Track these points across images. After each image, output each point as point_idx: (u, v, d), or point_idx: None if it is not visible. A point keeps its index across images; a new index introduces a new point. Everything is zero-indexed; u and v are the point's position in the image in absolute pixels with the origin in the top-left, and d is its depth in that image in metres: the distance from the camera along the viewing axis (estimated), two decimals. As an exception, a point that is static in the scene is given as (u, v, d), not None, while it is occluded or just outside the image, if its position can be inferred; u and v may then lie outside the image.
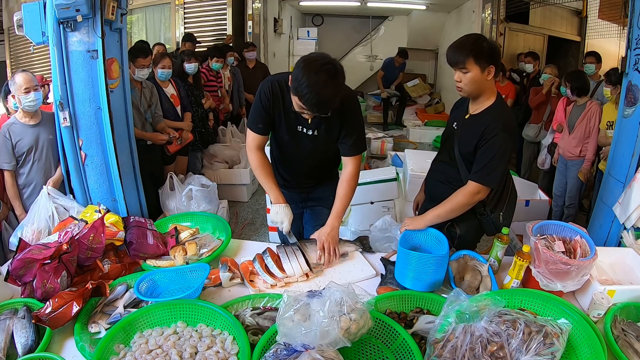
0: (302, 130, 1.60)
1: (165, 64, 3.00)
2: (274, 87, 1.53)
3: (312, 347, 0.97)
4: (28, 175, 2.19)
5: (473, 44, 1.44)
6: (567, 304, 1.19)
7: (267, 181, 1.65)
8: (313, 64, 1.33)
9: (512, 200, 1.71)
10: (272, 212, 1.65)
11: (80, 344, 1.16)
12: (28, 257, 1.33)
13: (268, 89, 1.53)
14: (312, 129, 1.59)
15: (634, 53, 1.95)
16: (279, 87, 1.54)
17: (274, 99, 1.54)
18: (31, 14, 1.75)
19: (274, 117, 1.58)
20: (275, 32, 6.58)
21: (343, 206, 1.67)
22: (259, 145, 1.65)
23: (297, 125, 1.59)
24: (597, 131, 2.96)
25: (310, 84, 1.30)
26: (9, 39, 5.80)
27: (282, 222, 1.63)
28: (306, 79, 1.30)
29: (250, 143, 1.65)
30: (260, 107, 1.56)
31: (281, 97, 1.54)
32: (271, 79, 1.57)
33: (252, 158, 1.66)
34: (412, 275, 1.37)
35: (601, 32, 5.14)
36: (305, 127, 1.59)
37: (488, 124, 1.49)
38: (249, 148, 1.66)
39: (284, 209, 1.63)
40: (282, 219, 1.63)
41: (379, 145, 5.29)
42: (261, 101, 1.55)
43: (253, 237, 3.39)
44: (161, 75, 3.02)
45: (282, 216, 1.63)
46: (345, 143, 1.62)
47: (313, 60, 1.34)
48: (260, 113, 1.57)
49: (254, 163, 1.66)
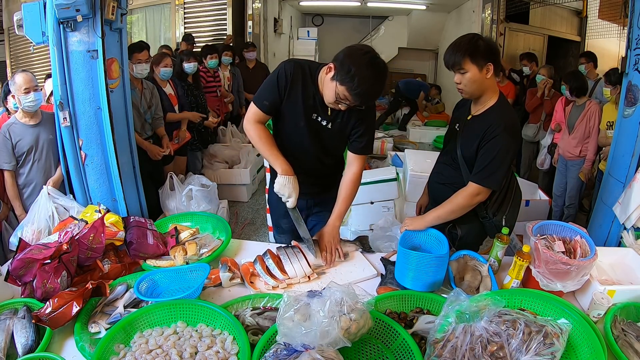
0: (316, 119, 1.53)
1: (167, 62, 3.06)
2: (297, 69, 1.47)
3: (312, 347, 0.97)
4: (28, 175, 2.19)
5: (468, 44, 1.43)
6: (567, 304, 1.19)
7: (272, 151, 1.51)
8: (365, 55, 1.33)
9: (516, 202, 1.69)
10: (279, 184, 1.49)
11: (80, 344, 1.16)
12: (28, 257, 1.33)
13: (291, 69, 1.46)
14: (328, 120, 1.53)
15: (634, 53, 1.95)
16: (302, 71, 1.47)
17: (293, 80, 1.47)
18: (31, 14, 1.75)
19: (283, 100, 1.49)
20: (275, 32, 6.59)
21: (346, 207, 1.65)
22: (259, 120, 1.53)
23: (313, 112, 1.52)
24: (597, 131, 2.96)
25: (363, 76, 1.30)
26: (9, 39, 5.81)
27: (289, 195, 1.50)
28: (359, 71, 1.30)
29: (250, 116, 1.53)
30: (275, 84, 1.47)
31: (302, 81, 1.48)
32: (295, 60, 1.50)
33: (252, 129, 1.52)
34: (412, 275, 1.37)
35: (601, 32, 5.14)
36: (322, 116, 1.53)
37: (489, 125, 1.48)
38: (247, 120, 1.53)
39: (292, 182, 1.49)
40: (290, 192, 1.49)
41: (379, 145, 5.29)
42: (278, 79, 1.46)
43: (253, 237, 3.39)
44: (164, 74, 3.06)
45: (289, 189, 1.49)
46: (358, 141, 1.58)
47: (365, 52, 1.34)
48: (272, 90, 1.48)
49: (255, 134, 1.52)
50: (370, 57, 1.33)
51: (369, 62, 1.32)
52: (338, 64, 1.35)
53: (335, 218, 1.65)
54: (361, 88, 1.32)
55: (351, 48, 1.36)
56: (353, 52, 1.34)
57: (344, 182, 1.64)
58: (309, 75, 1.48)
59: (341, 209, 1.64)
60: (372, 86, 1.34)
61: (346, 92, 1.35)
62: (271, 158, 1.52)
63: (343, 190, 1.64)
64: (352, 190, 1.63)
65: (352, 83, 1.32)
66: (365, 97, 1.37)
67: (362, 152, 1.61)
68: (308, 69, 1.49)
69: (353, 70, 1.30)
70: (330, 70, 1.38)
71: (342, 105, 1.42)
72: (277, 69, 1.49)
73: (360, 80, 1.31)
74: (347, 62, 1.32)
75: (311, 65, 1.50)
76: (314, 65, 1.51)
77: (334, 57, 1.38)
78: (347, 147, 1.65)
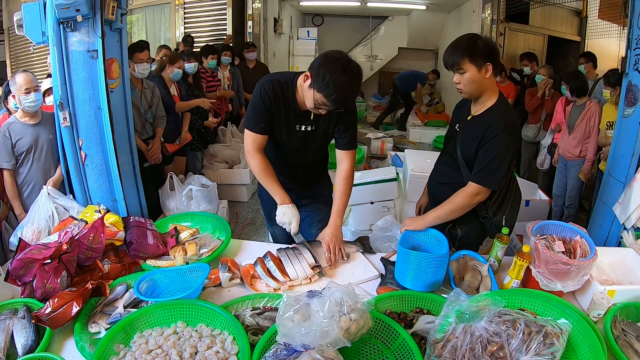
0: (299, 128, 1.62)
1: (181, 64, 3.16)
2: (275, 86, 1.54)
3: (312, 347, 0.97)
4: (27, 174, 2.19)
5: (466, 44, 1.44)
6: (567, 304, 1.19)
7: (271, 184, 1.63)
8: (338, 62, 1.39)
9: (516, 203, 1.69)
10: (279, 214, 1.63)
11: (80, 344, 1.16)
12: (28, 257, 1.33)
13: (269, 87, 1.53)
14: (311, 124, 1.61)
15: (634, 53, 1.95)
16: (279, 86, 1.54)
17: (275, 98, 1.54)
18: (31, 14, 1.75)
19: (273, 117, 1.57)
20: (275, 32, 6.58)
21: (344, 204, 1.69)
22: (259, 147, 1.62)
23: (296, 124, 1.60)
24: (597, 131, 2.96)
25: (338, 83, 1.36)
26: (9, 39, 5.81)
27: (289, 222, 1.62)
28: (334, 78, 1.36)
29: (249, 145, 1.61)
30: (262, 106, 1.54)
31: (282, 96, 1.55)
32: (270, 77, 1.57)
33: (254, 161, 1.62)
34: (412, 275, 1.37)
35: (601, 32, 5.14)
36: (304, 124, 1.61)
37: (489, 125, 1.48)
38: (248, 151, 1.62)
39: (291, 210, 1.62)
40: (290, 219, 1.62)
41: (379, 145, 5.29)
42: (262, 100, 1.53)
43: (253, 237, 3.39)
44: (176, 74, 3.14)
45: (289, 217, 1.62)
46: (343, 137, 1.65)
47: (337, 59, 1.39)
48: (262, 112, 1.55)
49: (257, 166, 1.62)
50: (343, 63, 1.39)
51: (343, 68, 1.38)
52: (314, 72, 1.41)
53: (336, 217, 1.67)
54: (337, 94, 1.38)
55: (326, 56, 1.43)
56: (327, 59, 1.40)
57: (337, 179, 1.69)
58: (285, 89, 1.55)
59: (339, 207, 1.68)
60: (347, 91, 1.40)
61: (324, 99, 1.42)
62: (271, 189, 1.65)
63: (338, 188, 1.68)
64: (346, 186, 1.68)
65: (328, 90, 1.38)
66: (342, 101, 1.43)
67: (348, 147, 1.67)
68: (284, 84, 1.55)
69: (328, 78, 1.37)
70: (307, 78, 1.44)
71: (322, 110, 1.48)
72: (257, 91, 1.56)
73: (336, 87, 1.37)
74: (322, 70, 1.39)
75: (287, 79, 1.56)
76: (289, 76, 1.57)
77: (310, 65, 1.45)
78: (334, 144, 1.71)
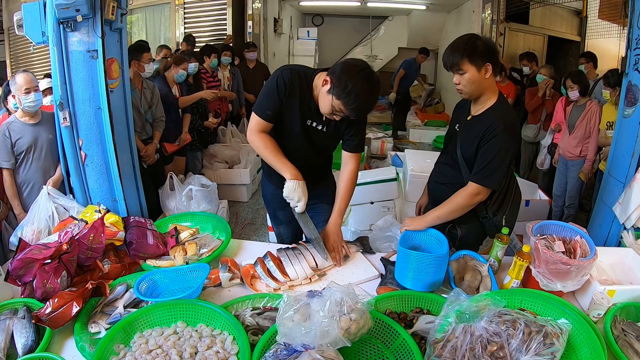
0: (311, 125, 1.57)
1: (185, 66, 3.18)
2: (294, 76, 1.49)
3: (312, 347, 0.97)
4: (27, 174, 2.18)
5: (466, 44, 1.43)
6: (567, 304, 1.19)
7: (279, 158, 1.54)
8: (361, 72, 1.37)
9: (516, 202, 1.69)
10: (288, 188, 1.52)
11: (80, 344, 1.16)
12: (28, 257, 1.33)
13: (288, 76, 1.48)
14: (323, 124, 1.58)
15: (634, 53, 1.95)
16: (299, 78, 1.50)
17: (291, 88, 1.49)
18: (31, 14, 1.75)
19: (283, 107, 1.52)
20: (275, 32, 6.58)
21: (345, 203, 1.69)
22: (263, 129, 1.55)
23: (308, 119, 1.56)
24: (597, 131, 2.96)
25: (359, 92, 1.35)
26: (9, 39, 5.80)
27: (298, 199, 1.53)
28: (355, 88, 1.35)
29: (253, 126, 1.54)
30: (275, 92, 1.49)
31: (299, 89, 1.50)
32: (291, 67, 1.52)
33: (257, 139, 1.54)
34: (412, 275, 1.37)
35: (601, 32, 5.14)
36: (316, 121, 1.57)
37: (489, 125, 1.48)
38: (251, 131, 1.55)
39: (301, 186, 1.52)
40: (300, 196, 1.53)
41: (379, 145, 5.29)
42: (277, 86, 1.48)
43: (253, 237, 3.39)
44: (181, 75, 3.16)
45: (299, 193, 1.52)
46: (352, 140, 1.64)
47: (360, 68, 1.38)
48: (273, 99, 1.50)
49: (260, 143, 1.54)
50: (366, 74, 1.38)
51: (365, 78, 1.37)
52: (335, 78, 1.38)
53: (337, 215, 1.68)
54: (357, 103, 1.38)
55: (347, 63, 1.40)
56: (349, 68, 1.38)
57: (341, 180, 1.68)
58: (305, 82, 1.52)
59: (341, 206, 1.69)
60: (367, 101, 1.40)
61: (342, 106, 1.40)
62: (279, 165, 1.55)
63: (341, 188, 1.68)
64: (350, 187, 1.68)
65: (349, 99, 1.37)
66: (361, 111, 1.44)
67: (356, 150, 1.67)
68: (304, 76, 1.52)
69: (350, 87, 1.35)
70: (326, 83, 1.42)
71: (337, 116, 1.47)
72: (274, 77, 1.51)
73: (357, 96, 1.36)
74: (343, 78, 1.36)
75: (306, 72, 1.53)
76: (309, 71, 1.55)
77: (330, 70, 1.42)
78: (341, 146, 1.70)
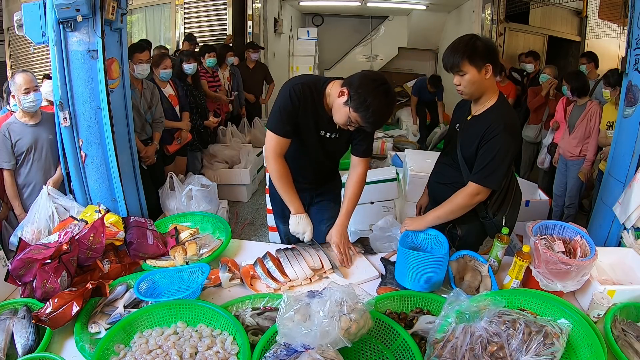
0: (324, 135, 1.61)
1: (167, 64, 3.05)
2: (305, 90, 1.51)
3: (312, 347, 0.97)
4: (27, 175, 2.19)
5: (466, 45, 1.43)
6: (567, 304, 1.19)
7: (289, 192, 1.63)
8: (380, 86, 1.38)
9: (516, 202, 1.70)
10: (293, 223, 1.65)
11: (80, 344, 1.16)
12: (28, 257, 1.33)
13: (299, 90, 1.50)
14: (336, 132, 1.61)
15: (634, 53, 1.95)
16: (310, 90, 1.52)
17: (305, 101, 1.51)
18: (31, 14, 1.75)
19: (299, 121, 1.54)
20: (275, 32, 6.58)
21: (353, 206, 1.71)
22: (282, 152, 1.58)
23: (321, 129, 1.60)
24: (597, 131, 2.96)
25: (377, 107, 1.37)
26: (9, 39, 5.80)
27: (304, 232, 1.65)
28: (374, 103, 1.37)
29: (273, 149, 1.56)
30: (291, 108, 1.50)
31: (311, 101, 1.52)
32: (300, 80, 1.53)
33: (274, 167, 1.59)
34: (412, 275, 1.37)
35: (601, 32, 5.14)
36: (329, 131, 1.60)
37: (489, 125, 1.48)
38: (269, 156, 1.58)
39: (304, 220, 1.65)
40: (304, 229, 1.65)
41: (379, 145, 5.28)
42: (292, 102, 1.49)
43: (253, 237, 3.39)
44: (163, 75, 3.05)
45: (303, 226, 1.65)
46: (361, 145, 1.67)
47: (379, 83, 1.39)
48: (290, 114, 1.51)
49: (277, 173, 1.59)
50: (385, 89, 1.39)
51: (384, 93, 1.38)
52: (352, 90, 1.39)
53: (344, 217, 1.70)
54: (375, 117, 1.40)
55: (366, 77, 1.41)
56: (368, 82, 1.39)
57: (350, 182, 1.71)
58: (315, 94, 1.53)
59: (349, 208, 1.71)
60: (384, 116, 1.42)
61: (359, 119, 1.42)
62: (287, 198, 1.65)
63: (349, 191, 1.70)
64: (358, 190, 1.71)
65: (367, 113, 1.38)
66: (377, 125, 1.47)
67: (365, 154, 1.70)
68: (314, 87, 1.53)
69: (369, 101, 1.36)
70: (342, 94, 1.42)
71: (352, 127, 1.49)
72: (285, 93, 1.50)
73: (375, 111, 1.38)
74: (362, 91, 1.37)
75: (316, 83, 1.54)
76: (319, 82, 1.55)
77: (347, 82, 1.43)
78: (350, 150, 1.73)
